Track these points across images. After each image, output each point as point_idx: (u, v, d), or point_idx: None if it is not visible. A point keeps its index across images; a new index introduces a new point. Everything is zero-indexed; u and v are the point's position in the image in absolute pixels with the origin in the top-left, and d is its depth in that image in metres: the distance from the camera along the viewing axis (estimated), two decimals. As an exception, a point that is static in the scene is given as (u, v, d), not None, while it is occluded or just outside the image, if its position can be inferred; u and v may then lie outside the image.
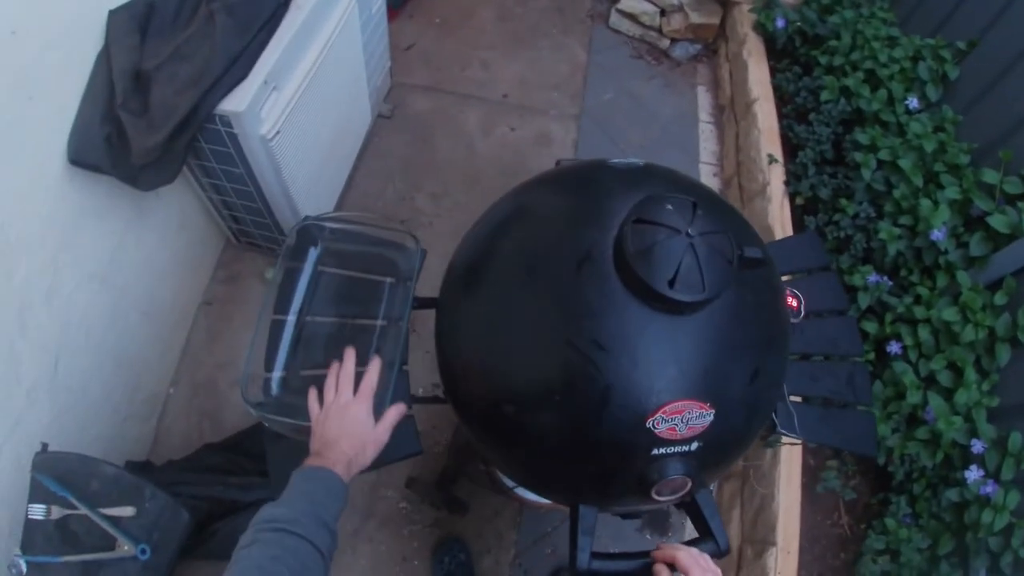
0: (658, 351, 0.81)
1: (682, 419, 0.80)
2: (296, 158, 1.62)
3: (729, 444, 0.90)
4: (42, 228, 1.24)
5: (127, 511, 1.09)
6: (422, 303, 1.21)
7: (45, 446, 1.14)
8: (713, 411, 0.81)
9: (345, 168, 2.10)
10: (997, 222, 1.61)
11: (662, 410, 0.79)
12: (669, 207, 0.82)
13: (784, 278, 1.40)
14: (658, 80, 2.65)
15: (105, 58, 1.27)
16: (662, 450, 0.82)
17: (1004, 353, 1.57)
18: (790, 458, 1.65)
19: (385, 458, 1.10)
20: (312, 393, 0.93)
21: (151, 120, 1.30)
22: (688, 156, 2.45)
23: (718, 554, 0.91)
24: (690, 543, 0.92)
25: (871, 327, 1.73)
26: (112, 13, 1.27)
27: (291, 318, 1.15)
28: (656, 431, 0.80)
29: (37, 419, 1.29)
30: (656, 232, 0.79)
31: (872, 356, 1.71)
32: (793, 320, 1.29)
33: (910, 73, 1.92)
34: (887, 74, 1.93)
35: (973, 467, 1.50)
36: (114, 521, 1.07)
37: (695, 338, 0.82)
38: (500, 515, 1.72)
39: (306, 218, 1.20)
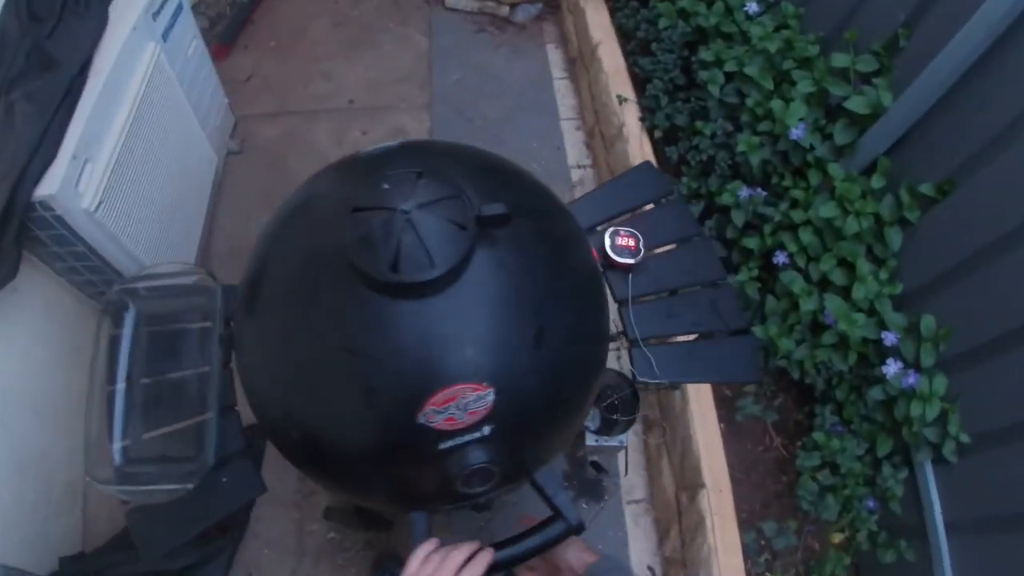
0: (411, 340, 0.73)
1: (457, 406, 0.73)
2: (130, 220, 1.57)
3: (533, 418, 0.82)
4: None
5: None
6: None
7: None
8: (492, 389, 0.73)
9: (199, 215, 2.04)
10: (855, 104, 1.53)
11: (430, 402, 0.72)
12: (386, 186, 0.75)
13: (624, 217, 1.36)
14: (505, 48, 2.57)
15: None
16: (450, 442, 0.75)
17: (895, 237, 1.50)
18: (698, 394, 1.59)
19: (228, 505, 1.08)
20: (424, 549, 0.78)
21: None
22: (548, 115, 2.38)
23: (573, 530, 0.86)
24: (543, 523, 0.87)
25: (753, 242, 1.66)
26: None
27: (121, 385, 1.15)
28: (433, 425, 0.73)
29: None
30: (372, 217, 0.72)
31: (756, 273, 1.65)
32: (632, 260, 1.24)
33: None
34: (718, -16, 1.86)
35: (890, 360, 1.43)
36: None
37: (450, 317, 0.74)
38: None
39: (113, 285, 1.18)
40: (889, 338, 1.45)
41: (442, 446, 0.76)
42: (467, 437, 0.77)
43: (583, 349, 0.90)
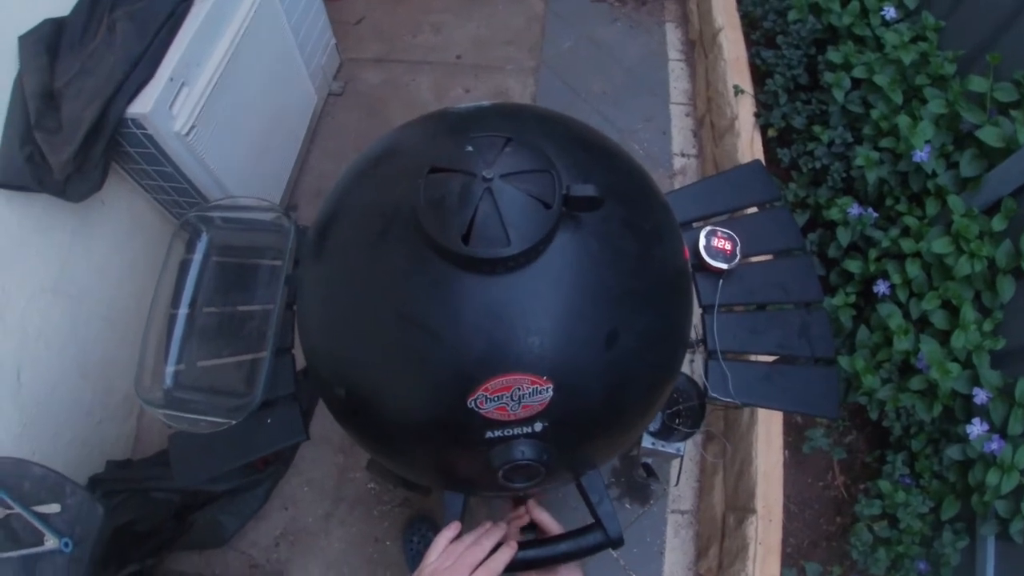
0: (473, 318, 0.67)
1: (512, 397, 0.68)
2: (222, 149, 1.60)
3: (590, 422, 0.76)
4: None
5: (53, 508, 1.13)
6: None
7: (-14, 453, 1.19)
8: (551, 385, 0.68)
9: (292, 151, 2.05)
10: (988, 135, 1.39)
11: (483, 387, 0.67)
12: (469, 148, 0.69)
13: (722, 217, 1.27)
14: (622, 22, 2.46)
15: (19, 82, 1.31)
16: (498, 432, 0.71)
17: (1007, 287, 1.36)
18: (768, 418, 1.50)
19: (267, 447, 1.07)
20: (445, 537, 0.76)
21: (64, 135, 1.33)
22: (658, 98, 2.28)
23: (608, 544, 0.81)
24: (581, 531, 0.82)
25: (855, 266, 1.55)
26: (21, 39, 1.31)
27: (184, 310, 1.15)
28: (482, 411, 0.68)
29: (6, 429, 1.35)
30: (449, 180, 0.67)
31: (853, 299, 1.53)
32: (725, 265, 1.16)
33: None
34: (860, -17, 1.71)
35: (976, 420, 1.31)
36: (43, 518, 1.12)
37: (518, 300, 0.68)
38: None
39: (190, 212, 1.19)
40: (980, 396, 1.33)
41: (489, 435, 0.72)
42: (517, 430, 0.72)
43: (658, 356, 0.82)
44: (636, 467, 1.69)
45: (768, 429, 1.49)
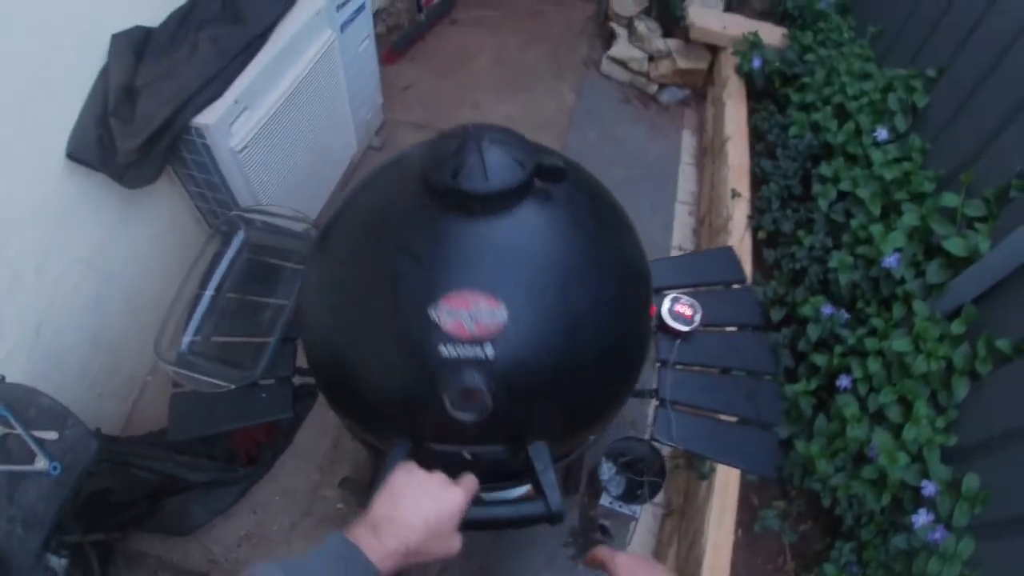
0: (451, 246, 0.83)
1: (469, 313, 0.80)
2: (266, 171, 1.78)
3: (539, 368, 0.84)
4: (37, 210, 1.42)
5: (51, 435, 1.22)
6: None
7: (2, 378, 1.30)
8: (505, 311, 0.80)
9: (325, 191, 2.22)
10: (953, 245, 1.50)
11: (444, 299, 0.80)
12: (471, 129, 0.86)
13: (687, 290, 1.39)
14: (644, 123, 2.67)
15: (104, 73, 1.49)
16: (453, 351, 0.81)
17: (961, 387, 1.44)
18: (725, 491, 1.56)
19: (257, 417, 1.19)
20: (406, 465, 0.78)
21: (135, 127, 1.51)
22: (665, 194, 2.45)
23: (547, 516, 0.85)
24: (522, 499, 0.90)
25: (821, 360, 1.64)
26: (114, 37, 1.49)
27: (209, 292, 1.31)
28: (441, 324, 0.80)
29: (11, 376, 1.43)
30: (450, 140, 0.84)
31: (814, 387, 1.62)
32: (684, 328, 1.28)
33: (880, 105, 1.86)
34: (856, 107, 1.88)
35: (922, 511, 1.37)
36: (40, 442, 1.20)
37: (491, 239, 0.83)
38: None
39: (234, 211, 1.36)
40: (928, 488, 1.39)
41: (444, 352, 0.81)
42: (469, 352, 0.81)
43: (610, 326, 0.93)
44: (594, 528, 1.75)
45: (723, 502, 1.55)
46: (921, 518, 1.36)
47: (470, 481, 0.77)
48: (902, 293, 1.59)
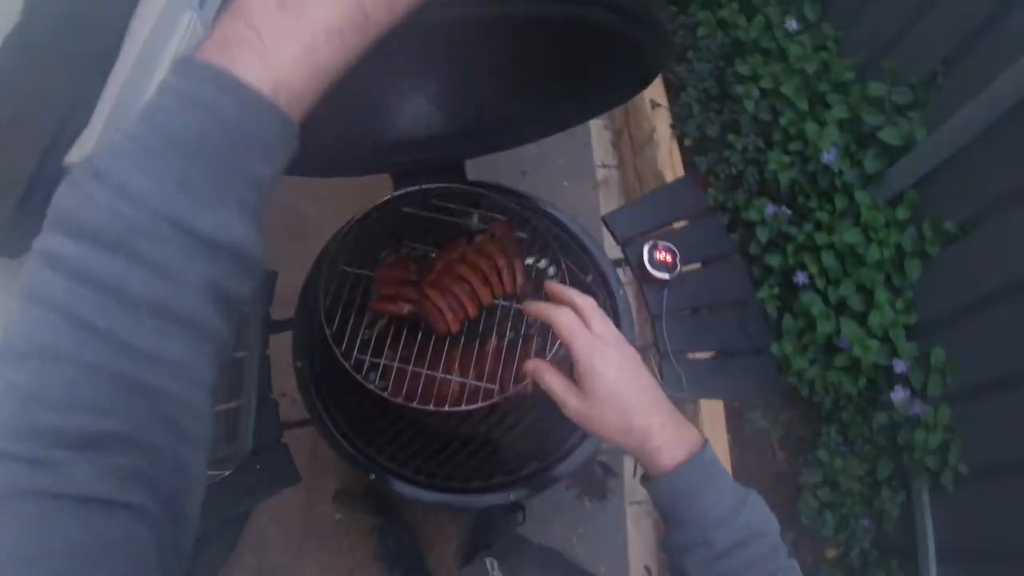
0: None
1: None
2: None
3: None
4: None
5: None
6: (277, 326, 1.18)
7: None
8: None
9: None
10: (889, 135, 1.56)
11: None
12: None
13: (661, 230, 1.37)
14: None
15: None
16: None
17: (914, 269, 1.54)
18: (711, 408, 1.62)
19: (261, 493, 1.09)
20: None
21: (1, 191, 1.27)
22: None
23: None
24: None
25: (775, 260, 1.69)
26: None
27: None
28: None
29: None
30: None
31: (776, 291, 1.68)
32: (668, 276, 1.26)
33: (784, -7, 1.85)
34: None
35: (898, 387, 1.48)
36: None
37: None
38: (436, 513, 1.72)
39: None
40: (899, 366, 1.50)
41: None
42: None
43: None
44: (593, 466, 1.79)
45: (712, 416, 1.61)
46: (899, 394, 1.47)
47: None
48: (841, 185, 1.64)
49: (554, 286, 0.69)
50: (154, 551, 0.32)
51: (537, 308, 0.67)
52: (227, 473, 1.01)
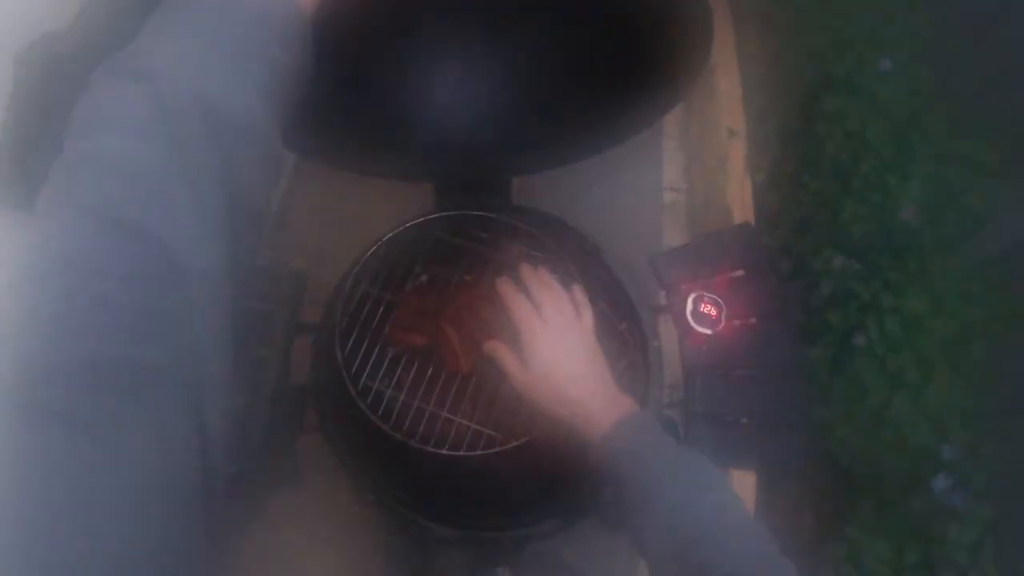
0: None
1: None
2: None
3: None
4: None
5: None
6: (303, 329, 1.18)
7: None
8: None
9: None
10: (974, 199, 1.43)
11: None
12: None
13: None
14: None
15: None
16: None
17: (982, 349, 1.42)
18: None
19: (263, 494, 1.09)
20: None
21: None
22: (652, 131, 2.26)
23: None
24: None
25: (835, 316, 1.59)
26: None
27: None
28: None
29: None
30: None
31: (831, 353, 1.58)
32: (710, 331, 1.19)
33: (883, 31, 1.70)
34: (857, 32, 1.72)
35: (941, 475, 1.38)
36: None
37: None
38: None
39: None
40: (947, 452, 1.39)
41: None
42: None
43: None
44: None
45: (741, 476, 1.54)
46: (941, 482, 1.37)
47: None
48: (917, 245, 1.51)
49: (526, 273, 0.81)
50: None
51: (503, 288, 0.78)
52: (232, 470, 1.01)
